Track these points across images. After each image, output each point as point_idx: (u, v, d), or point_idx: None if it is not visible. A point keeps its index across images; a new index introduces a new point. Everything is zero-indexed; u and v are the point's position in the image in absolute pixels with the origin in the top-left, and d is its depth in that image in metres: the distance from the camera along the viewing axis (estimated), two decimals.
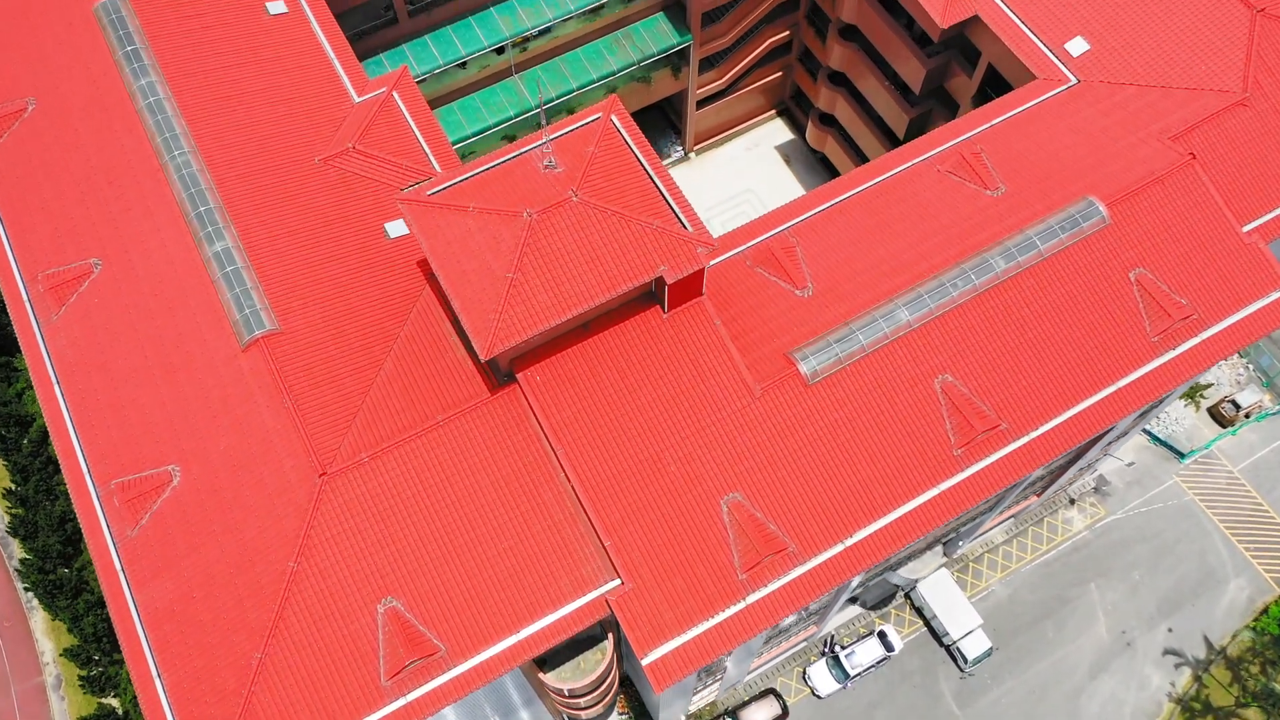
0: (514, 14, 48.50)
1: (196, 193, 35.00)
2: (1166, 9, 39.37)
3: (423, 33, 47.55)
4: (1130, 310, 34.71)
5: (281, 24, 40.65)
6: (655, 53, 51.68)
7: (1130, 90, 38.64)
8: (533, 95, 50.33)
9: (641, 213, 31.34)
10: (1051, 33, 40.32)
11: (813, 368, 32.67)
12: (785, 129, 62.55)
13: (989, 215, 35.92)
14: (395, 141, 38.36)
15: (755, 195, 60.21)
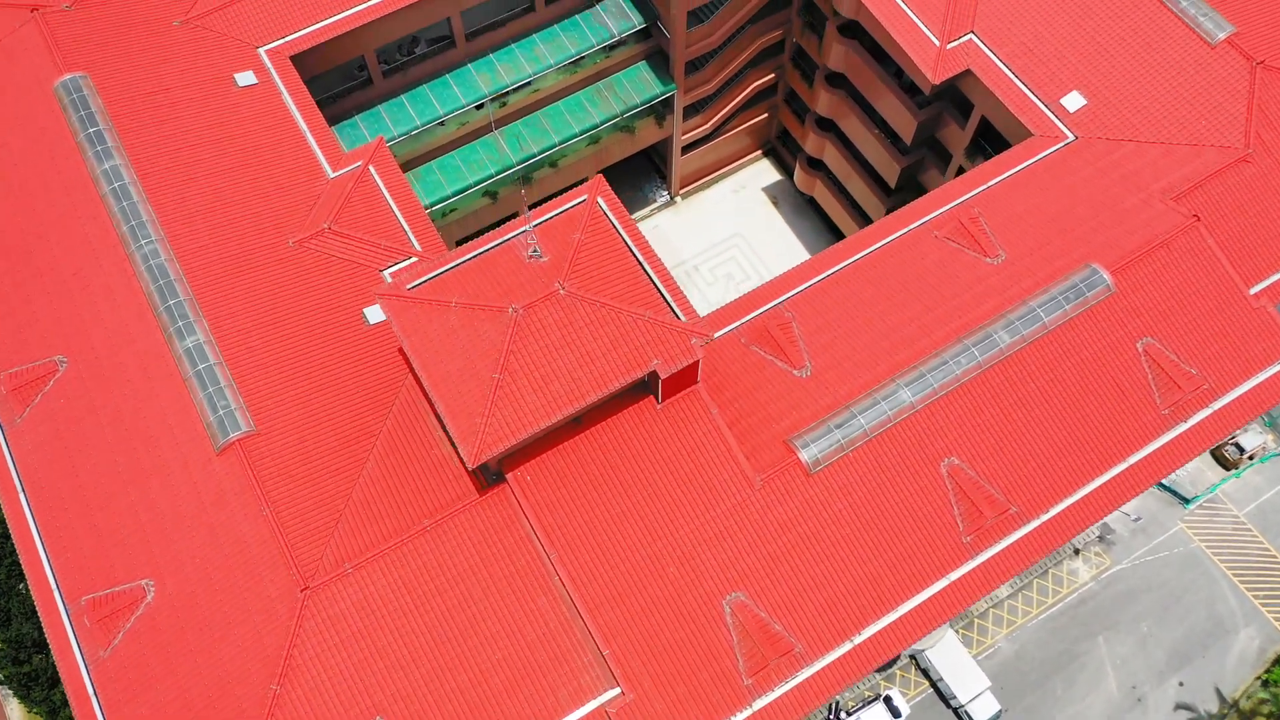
0: (492, 70, 47.10)
1: (165, 285, 33.46)
2: (1164, 62, 38.32)
3: (398, 93, 46.06)
4: (1139, 382, 33.60)
5: (251, 96, 39.15)
6: (639, 104, 50.37)
7: (1129, 147, 37.55)
8: (514, 151, 48.89)
9: (632, 303, 30.01)
10: (1047, 88, 39.21)
11: (814, 455, 31.39)
12: (772, 169, 61.36)
13: (990, 285, 34.75)
14: (373, 219, 36.92)
15: (744, 240, 58.97)
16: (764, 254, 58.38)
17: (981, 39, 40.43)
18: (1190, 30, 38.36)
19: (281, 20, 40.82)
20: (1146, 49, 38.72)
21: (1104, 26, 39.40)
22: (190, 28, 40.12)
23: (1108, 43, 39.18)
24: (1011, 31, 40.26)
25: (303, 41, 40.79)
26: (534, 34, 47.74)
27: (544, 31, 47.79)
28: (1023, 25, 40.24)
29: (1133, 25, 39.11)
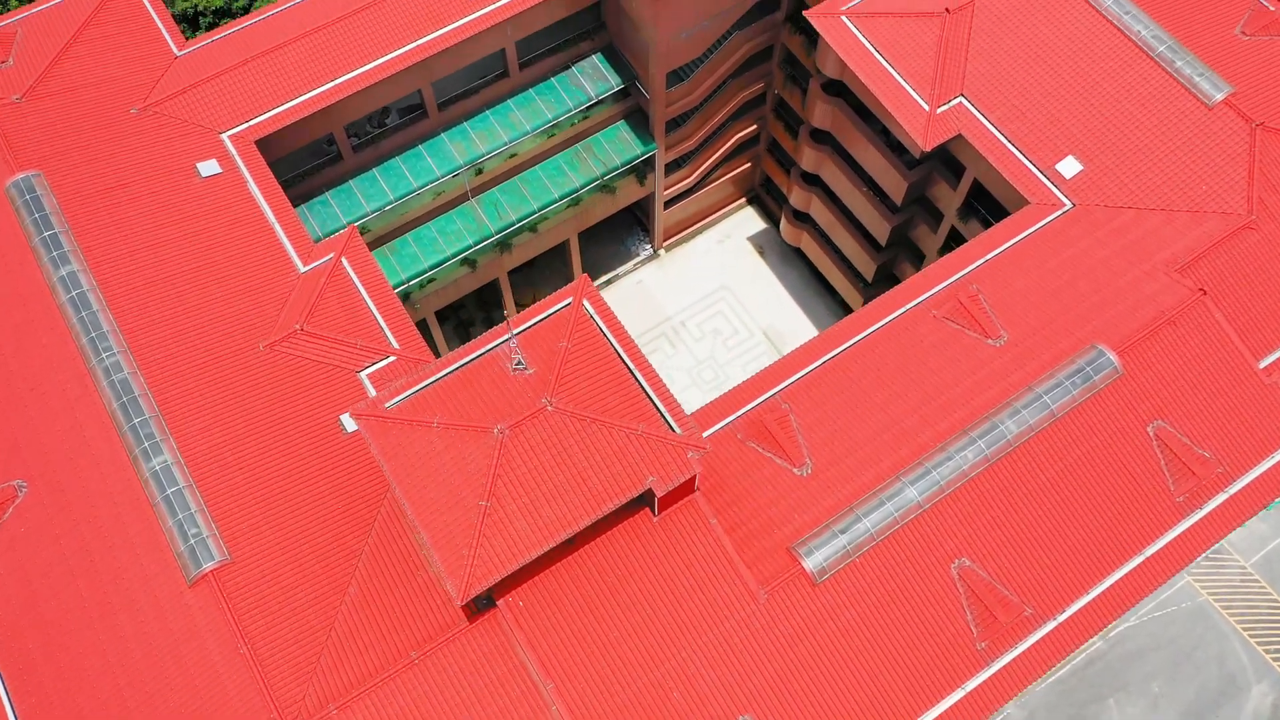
0: (467, 139, 45.50)
1: (129, 401, 31.67)
2: (1161, 125, 37.18)
3: (370, 167, 44.37)
4: (1152, 468, 32.36)
5: (215, 188, 37.40)
6: (619, 165, 48.87)
7: (1129, 214, 36.37)
8: (492, 220, 47.29)
9: (624, 416, 28.49)
10: (1042, 152, 37.98)
11: (819, 564, 29.95)
12: (757, 217, 60.00)
13: (993, 369, 33.44)
14: (347, 317, 35.23)
15: (730, 293, 57.55)
16: (751, 307, 57.00)
17: (972, 102, 39.18)
18: (1187, 91, 37.25)
19: (245, 104, 39.09)
20: (1142, 111, 37.57)
21: (1098, 88, 38.24)
22: (149, 115, 38.35)
23: (1102, 105, 38.01)
24: (1003, 94, 39.03)
25: (268, 125, 39.06)
26: (509, 99, 46.20)
27: (519, 97, 46.25)
28: (1014, 87, 39.02)
29: (1128, 86, 37.96)
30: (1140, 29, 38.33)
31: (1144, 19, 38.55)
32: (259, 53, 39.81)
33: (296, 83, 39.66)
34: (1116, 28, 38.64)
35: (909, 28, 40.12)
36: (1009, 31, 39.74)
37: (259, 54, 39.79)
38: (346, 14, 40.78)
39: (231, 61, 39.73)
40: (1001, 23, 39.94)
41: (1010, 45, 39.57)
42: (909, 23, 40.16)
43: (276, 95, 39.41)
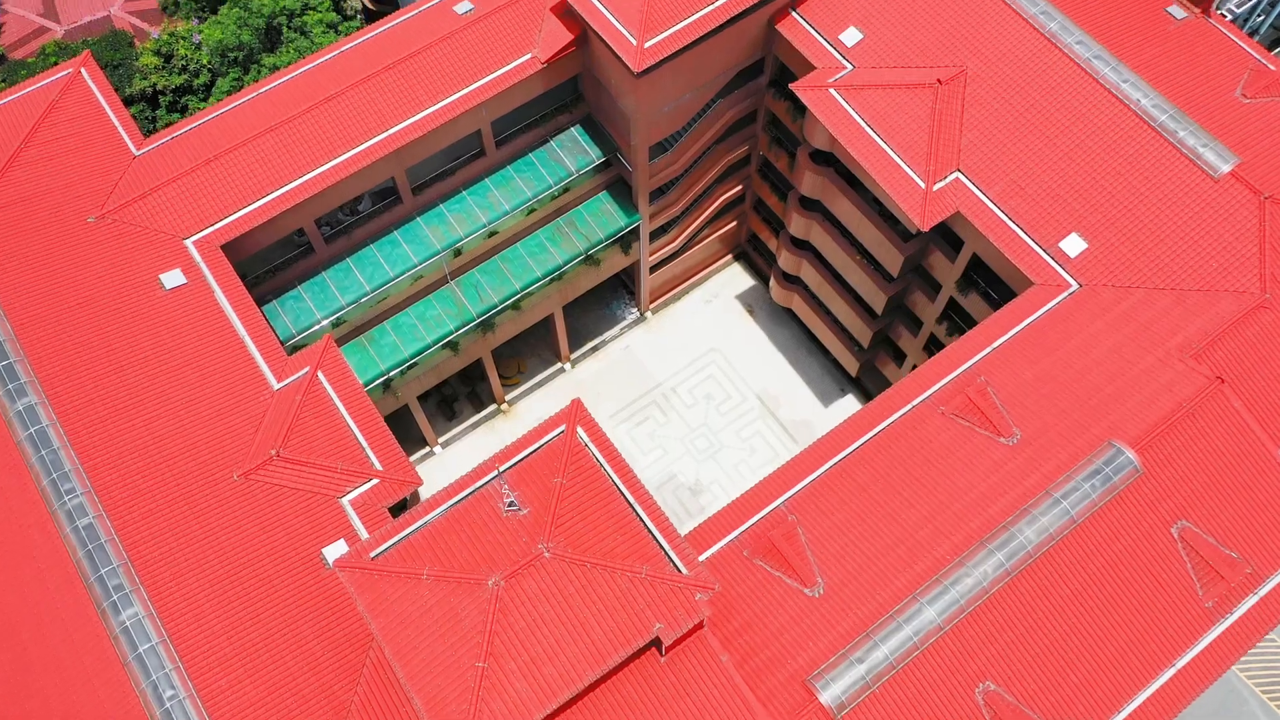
0: (444, 222, 43.67)
1: (95, 549, 29.68)
2: (1166, 199, 35.86)
3: (343, 257, 42.48)
4: (1178, 573, 30.94)
5: (181, 300, 35.44)
6: (603, 239, 47.15)
7: (1138, 295, 35.01)
8: (474, 303, 45.43)
9: (626, 557, 26.78)
10: (1044, 230, 36.58)
11: (837, 698, 28.32)
12: (744, 274, 58.42)
13: (1008, 472, 31.95)
14: (326, 437, 33.35)
15: (721, 355, 55.94)
16: (743, 369, 55.38)
17: (969, 177, 37.75)
18: (1192, 163, 35.94)
19: (209, 207, 37.18)
20: (1146, 185, 36.24)
21: (1099, 160, 36.88)
22: (107, 224, 36.37)
23: (1105, 178, 36.66)
24: (1001, 168, 37.62)
25: (234, 228, 37.17)
26: (486, 179, 44.42)
27: (496, 175, 44.48)
28: (1012, 161, 37.61)
29: (1130, 159, 36.62)
30: (1140, 97, 37.02)
31: (1143, 86, 37.26)
32: (222, 151, 37.91)
33: (262, 181, 37.76)
34: (1115, 96, 37.32)
35: (900, 100, 38.66)
36: (1004, 102, 38.36)
37: (222, 152, 37.88)
38: (313, 104, 38.94)
39: (193, 161, 37.81)
40: (995, 93, 38.54)
41: (1006, 116, 38.18)
42: (900, 95, 38.70)
43: (242, 196, 37.50)
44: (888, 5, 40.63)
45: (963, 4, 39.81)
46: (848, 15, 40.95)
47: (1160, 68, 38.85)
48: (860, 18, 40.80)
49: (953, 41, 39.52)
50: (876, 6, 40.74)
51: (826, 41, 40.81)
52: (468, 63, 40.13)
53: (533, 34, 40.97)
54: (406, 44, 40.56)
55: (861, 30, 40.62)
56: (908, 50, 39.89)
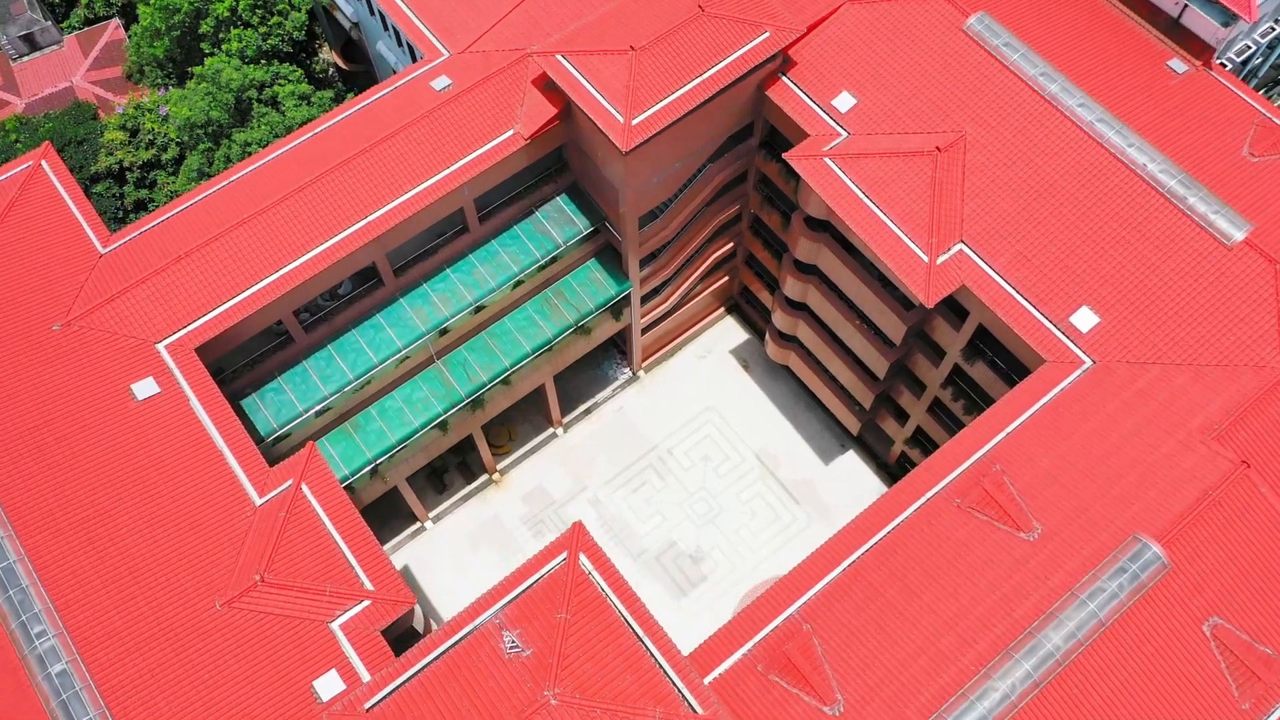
0: (427, 302, 41.98)
1: (71, 698, 27.85)
2: (1178, 269, 34.63)
3: (324, 344, 40.73)
4: (1212, 674, 29.58)
5: (154, 411, 33.65)
6: (593, 309, 45.59)
7: (1154, 371, 33.72)
8: (461, 383, 43.76)
9: (638, 699, 25.20)
10: (1053, 304, 35.26)
11: None
12: (738, 327, 56.96)
13: (1030, 570, 30.55)
14: (313, 555, 31.62)
15: (717, 414, 54.44)
16: (741, 428, 53.90)
17: (973, 249, 36.41)
18: (1203, 231, 34.73)
19: (181, 308, 35.44)
20: (1157, 254, 35.00)
21: (1107, 229, 35.62)
22: (73, 331, 34.56)
23: (1114, 248, 35.39)
24: (1006, 239, 36.30)
25: (208, 328, 35.43)
26: (470, 255, 42.79)
27: (481, 251, 42.85)
28: (1017, 231, 36.30)
29: (1139, 227, 35.38)
30: (1146, 162, 35.78)
31: (1149, 150, 36.01)
32: (193, 247, 36.18)
33: (237, 278, 36.04)
34: (1121, 161, 36.07)
35: (898, 169, 37.29)
36: (1006, 169, 37.06)
37: (193, 248, 36.16)
38: (288, 193, 37.24)
39: (163, 259, 36.08)
40: (997, 159, 37.24)
41: (1008, 184, 36.88)
42: (898, 163, 37.33)
43: (215, 294, 35.77)
44: (881, 68, 39.30)
45: (959, 66, 38.53)
46: (839, 79, 39.58)
47: (1165, 128, 37.64)
48: (853, 82, 39.44)
49: (950, 105, 38.22)
50: (869, 70, 39.40)
51: (819, 107, 39.42)
52: (448, 142, 38.52)
53: (514, 108, 39.41)
54: (383, 124, 38.94)
55: (855, 95, 39.24)
56: (904, 115, 38.55)
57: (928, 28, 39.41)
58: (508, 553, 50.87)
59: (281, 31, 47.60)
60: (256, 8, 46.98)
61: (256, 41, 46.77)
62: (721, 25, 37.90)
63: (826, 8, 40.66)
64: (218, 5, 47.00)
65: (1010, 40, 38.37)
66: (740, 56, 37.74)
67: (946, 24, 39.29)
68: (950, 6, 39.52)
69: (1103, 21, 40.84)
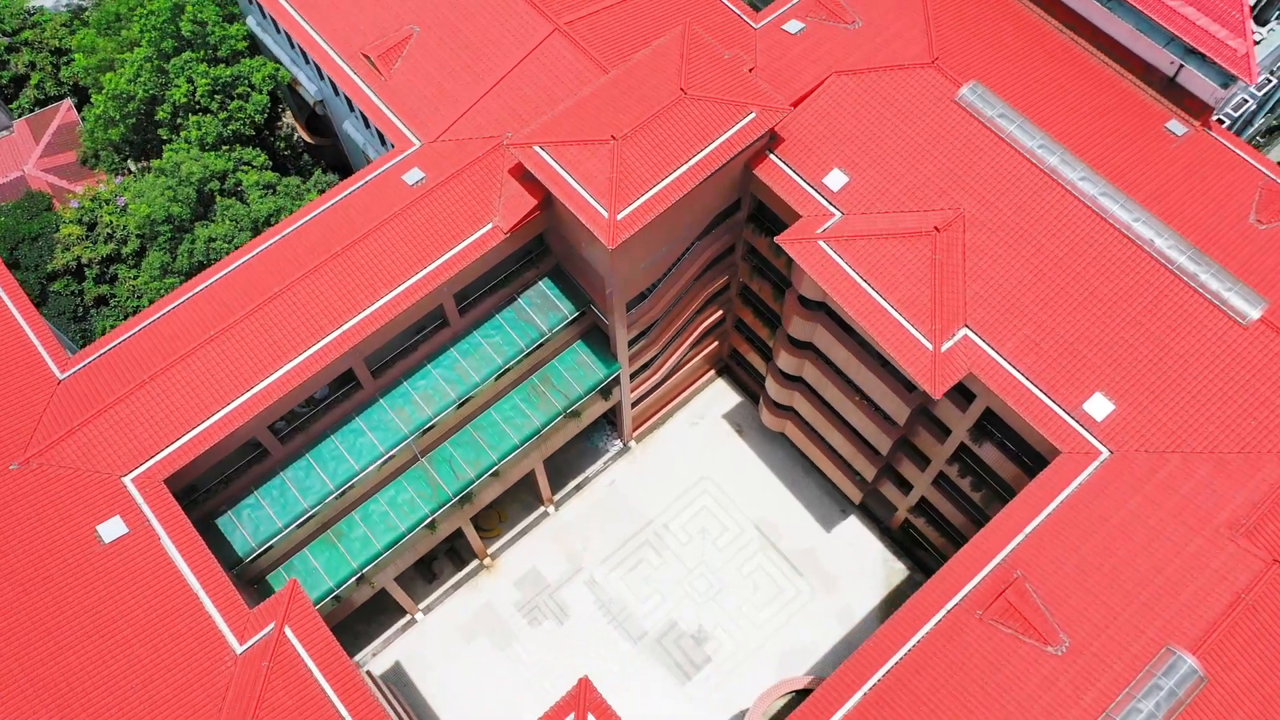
0: (409, 402, 40.03)
1: None
2: (1193, 351, 33.25)
3: (302, 453, 38.71)
4: None
5: (123, 554, 31.54)
6: (582, 394, 43.76)
7: (1175, 461, 32.30)
8: (448, 481, 41.81)
9: None
10: (1065, 392, 33.79)
11: None
12: (729, 390, 55.26)
13: (1060, 691, 28.99)
14: (299, 708, 29.59)
15: (712, 483, 52.71)
16: (738, 497, 52.20)
17: (979, 333, 34.90)
18: (1218, 310, 33.37)
19: (147, 437, 33.34)
20: (1171, 336, 33.61)
21: (1116, 310, 34.22)
22: (32, 470, 32.39)
23: (1124, 330, 33.98)
24: (1012, 322, 34.81)
25: (178, 457, 33.35)
26: (451, 348, 40.89)
27: (463, 344, 40.96)
28: (1023, 313, 34.83)
29: (1150, 307, 33.99)
30: (1154, 237, 34.42)
31: (1155, 224, 34.66)
32: (159, 369, 34.11)
33: (206, 400, 34.00)
34: (1128, 237, 34.69)
35: (896, 251, 35.75)
36: (1008, 247, 35.61)
37: (159, 370, 34.09)
38: (258, 304, 35.24)
39: (127, 383, 34.00)
40: (998, 237, 35.80)
41: (1011, 264, 35.43)
42: (895, 245, 35.80)
43: (184, 419, 33.69)
44: (872, 143, 37.79)
45: (953, 140, 37.08)
46: (830, 156, 38.03)
47: (1169, 197, 36.37)
48: (843, 158, 37.91)
49: (946, 182, 36.76)
50: (860, 145, 37.88)
51: (810, 186, 37.84)
52: (425, 241, 36.64)
53: (492, 200, 37.57)
54: (355, 224, 37.01)
55: (846, 172, 37.70)
56: (898, 192, 37.06)
57: (919, 99, 37.95)
58: (503, 642, 48.97)
59: (243, 115, 45.49)
60: (215, 93, 44.84)
61: (217, 128, 44.64)
62: (705, 108, 36.25)
63: (813, 80, 39.15)
64: (174, 91, 44.84)
65: (1005, 111, 36.96)
66: (726, 141, 36.09)
67: (938, 95, 37.84)
68: (940, 76, 38.09)
69: (1097, 82, 39.55)
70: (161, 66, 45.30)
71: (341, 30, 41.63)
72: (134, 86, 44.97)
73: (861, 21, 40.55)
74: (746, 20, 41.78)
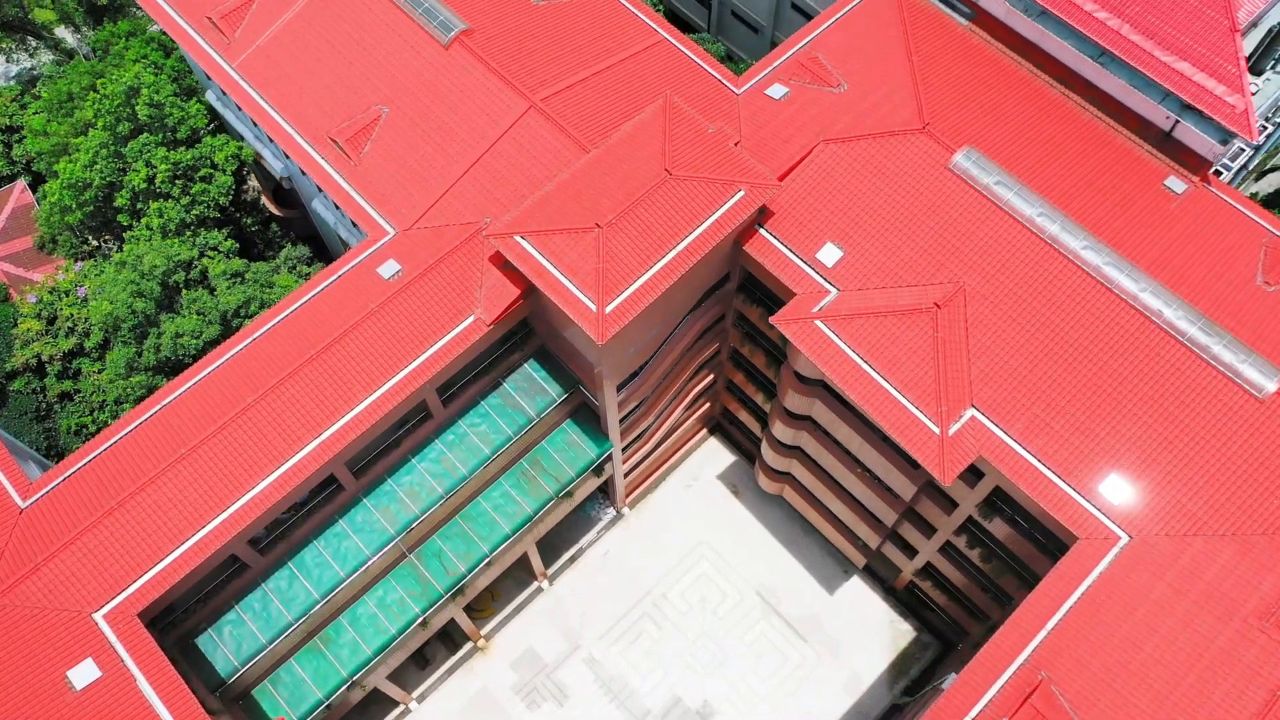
0: (394, 500, 38.27)
1: None
2: (1209, 427, 32.11)
3: (284, 562, 36.89)
4: None
5: (97, 703, 29.59)
6: (574, 477, 42.10)
7: (1198, 545, 31.10)
8: (439, 577, 40.01)
9: None
10: (1079, 473, 32.52)
11: None
12: (723, 449, 53.76)
13: None
14: None
15: (710, 548, 51.17)
16: (737, 562, 50.71)
17: (986, 414, 33.59)
18: (1232, 383, 32.24)
19: (119, 568, 31.43)
20: (1185, 412, 32.44)
21: (1127, 386, 33.03)
22: None
23: (1136, 407, 32.79)
24: (1020, 402, 33.53)
25: (152, 587, 31.47)
26: (436, 440, 39.17)
27: (448, 435, 39.23)
28: (1032, 391, 33.56)
29: (1162, 382, 32.81)
30: (1162, 308, 33.27)
31: (1163, 293, 33.51)
32: (128, 492, 32.21)
33: (180, 524, 32.11)
34: (1135, 309, 33.52)
35: (895, 329, 34.38)
36: (1011, 322, 34.35)
37: (129, 494, 32.19)
38: (231, 416, 33.39)
39: (95, 510, 32.08)
40: (1001, 312, 34.54)
41: (1016, 339, 34.17)
42: (894, 323, 34.43)
43: (158, 546, 31.81)
44: (865, 215, 36.46)
45: (950, 210, 35.81)
46: (822, 229, 36.64)
47: (1173, 262, 35.27)
48: (836, 231, 36.53)
49: (944, 254, 35.48)
50: (853, 217, 36.53)
51: (803, 262, 36.42)
52: (404, 339, 34.92)
53: (472, 291, 35.89)
54: (330, 324, 35.24)
55: (840, 246, 36.31)
56: (895, 266, 35.74)
57: (911, 167, 36.65)
58: None
59: (206, 198, 43.55)
60: (176, 178, 42.87)
61: (180, 214, 42.68)
62: (691, 188, 34.76)
63: (800, 149, 37.77)
64: (132, 176, 42.82)
65: (1002, 178, 35.71)
66: (715, 222, 34.61)
67: (931, 162, 36.56)
68: (932, 142, 36.82)
69: (1092, 139, 38.38)
70: (118, 151, 43.27)
71: (306, 113, 39.81)
72: (90, 173, 42.91)
73: (847, 84, 39.22)
74: (728, 85, 40.35)
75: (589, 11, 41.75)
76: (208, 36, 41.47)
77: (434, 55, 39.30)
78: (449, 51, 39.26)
